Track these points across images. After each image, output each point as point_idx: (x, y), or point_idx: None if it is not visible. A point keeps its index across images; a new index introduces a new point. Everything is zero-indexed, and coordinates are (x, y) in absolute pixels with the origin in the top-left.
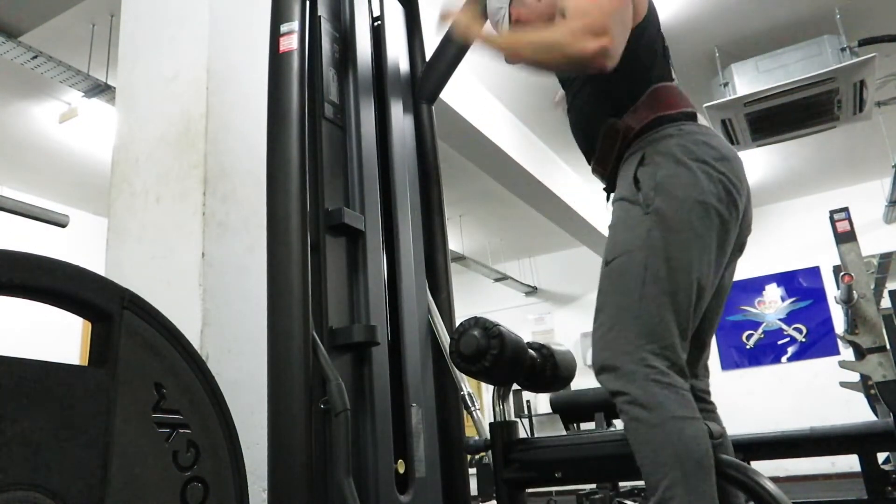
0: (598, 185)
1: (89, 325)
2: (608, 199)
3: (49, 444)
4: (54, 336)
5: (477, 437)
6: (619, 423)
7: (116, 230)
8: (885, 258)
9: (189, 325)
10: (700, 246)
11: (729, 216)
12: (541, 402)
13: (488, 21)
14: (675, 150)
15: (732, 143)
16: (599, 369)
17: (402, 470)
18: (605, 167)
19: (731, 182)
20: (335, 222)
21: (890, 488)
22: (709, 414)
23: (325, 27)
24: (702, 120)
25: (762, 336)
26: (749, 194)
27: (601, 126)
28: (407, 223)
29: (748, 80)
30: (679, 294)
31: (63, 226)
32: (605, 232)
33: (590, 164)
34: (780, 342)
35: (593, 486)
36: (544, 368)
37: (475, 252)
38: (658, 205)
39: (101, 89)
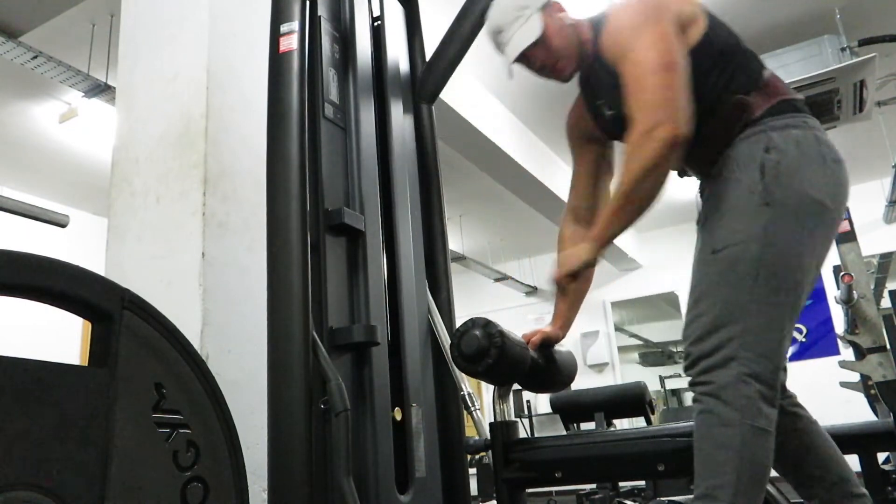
0: None
1: (89, 325)
2: (701, 192)
3: (49, 444)
4: (54, 336)
5: (477, 437)
6: (619, 423)
7: (116, 230)
8: (885, 258)
9: (189, 325)
10: (811, 246)
11: (834, 219)
12: (541, 402)
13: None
14: (802, 143)
15: None
16: (693, 361)
17: (398, 417)
18: (714, 147)
19: (842, 185)
20: (335, 222)
21: (890, 488)
22: (788, 399)
23: (325, 27)
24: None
25: None
26: None
27: (723, 101)
28: (407, 223)
29: None
30: (789, 295)
31: (63, 226)
32: None
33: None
34: None
35: (593, 486)
36: (545, 368)
37: (475, 252)
38: (779, 197)
39: (101, 89)
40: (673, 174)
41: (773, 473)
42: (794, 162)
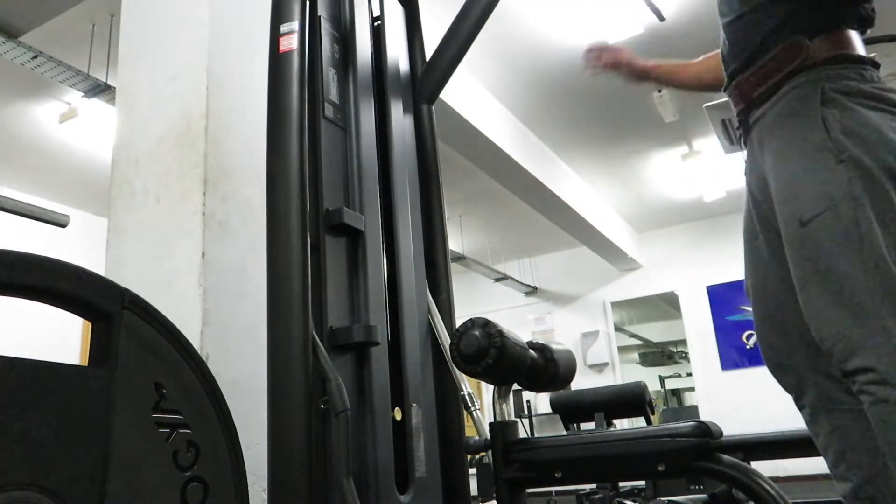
0: (599, 186)
1: (89, 325)
2: (741, 137)
3: (49, 444)
4: (54, 336)
5: (477, 437)
6: (618, 423)
7: (116, 230)
8: None
9: (189, 325)
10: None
11: None
12: (541, 402)
13: None
14: (864, 94)
15: (732, 143)
16: (830, 349)
17: (398, 417)
18: (757, 88)
19: None
20: (335, 222)
21: None
22: None
23: (325, 27)
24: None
25: None
26: None
27: (780, 39)
28: (407, 223)
29: None
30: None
31: (63, 226)
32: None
33: (731, 80)
34: None
35: (593, 486)
36: (545, 368)
37: (475, 252)
38: (854, 152)
39: (101, 89)
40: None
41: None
42: (861, 115)
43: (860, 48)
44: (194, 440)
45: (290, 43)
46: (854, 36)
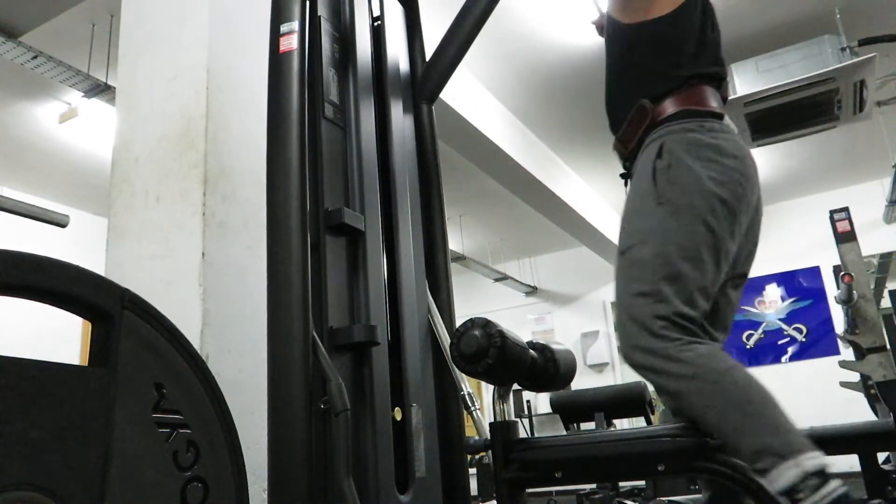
0: (599, 186)
1: (89, 325)
2: (625, 182)
3: (49, 444)
4: (54, 336)
5: (477, 437)
6: (619, 423)
7: (116, 230)
8: (885, 258)
9: (189, 325)
10: (710, 234)
11: (738, 211)
12: (541, 402)
13: None
14: (693, 145)
15: None
16: (625, 356)
17: (398, 417)
18: (627, 146)
19: (744, 177)
20: (335, 222)
21: (890, 488)
22: None
23: (326, 27)
24: (727, 120)
25: (762, 336)
26: (760, 193)
27: (632, 105)
28: (407, 223)
29: (748, 80)
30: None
31: (63, 226)
32: (605, 232)
33: (614, 135)
34: (780, 342)
35: (593, 486)
36: (545, 368)
37: (475, 252)
38: (671, 196)
39: (101, 89)
40: None
41: None
42: (685, 163)
43: (707, 101)
44: (194, 440)
45: (290, 43)
46: (700, 91)
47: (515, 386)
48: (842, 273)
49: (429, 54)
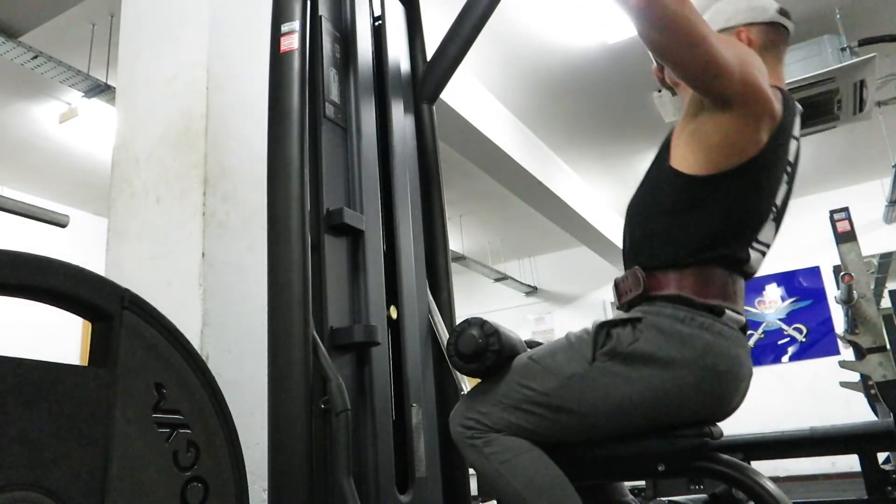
0: (599, 185)
1: (89, 325)
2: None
3: (49, 444)
4: (54, 336)
5: None
6: None
7: (116, 230)
8: (885, 258)
9: (189, 325)
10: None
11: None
12: None
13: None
14: (677, 333)
15: None
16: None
17: (394, 315)
18: (619, 299)
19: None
20: (335, 222)
21: (890, 488)
22: None
23: (326, 27)
24: (730, 314)
25: (762, 336)
26: (741, 398)
27: (632, 265)
28: (407, 223)
29: None
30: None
31: (63, 226)
32: (605, 232)
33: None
34: (780, 342)
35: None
36: None
37: (475, 252)
38: (601, 365)
39: (101, 89)
40: None
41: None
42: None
43: (702, 290)
44: (194, 440)
45: (291, 43)
46: (700, 276)
47: None
48: (842, 273)
49: (430, 54)
